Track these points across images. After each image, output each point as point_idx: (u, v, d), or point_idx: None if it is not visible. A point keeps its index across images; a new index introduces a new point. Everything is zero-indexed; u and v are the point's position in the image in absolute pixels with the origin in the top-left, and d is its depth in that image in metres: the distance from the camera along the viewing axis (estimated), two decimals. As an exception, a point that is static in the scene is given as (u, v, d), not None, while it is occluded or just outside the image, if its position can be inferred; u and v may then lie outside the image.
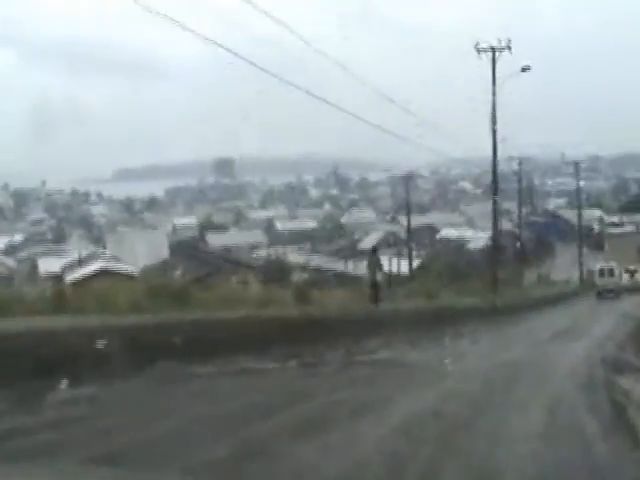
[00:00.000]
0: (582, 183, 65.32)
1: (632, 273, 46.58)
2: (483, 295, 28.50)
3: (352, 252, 59.48)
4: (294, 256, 57.60)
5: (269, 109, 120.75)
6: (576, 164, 64.27)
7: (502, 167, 37.52)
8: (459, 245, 69.23)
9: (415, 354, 13.50)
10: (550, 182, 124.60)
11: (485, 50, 31.43)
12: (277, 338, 12.21)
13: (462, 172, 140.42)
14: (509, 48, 31.23)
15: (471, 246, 65.70)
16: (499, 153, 32.87)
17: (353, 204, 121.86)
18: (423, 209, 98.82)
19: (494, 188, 34.61)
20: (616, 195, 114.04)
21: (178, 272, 41.49)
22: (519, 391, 9.69)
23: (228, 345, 11.28)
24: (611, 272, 43.48)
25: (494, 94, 31.17)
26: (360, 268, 46.76)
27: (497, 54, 31.46)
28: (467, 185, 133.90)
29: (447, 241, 73.50)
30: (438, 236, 78.97)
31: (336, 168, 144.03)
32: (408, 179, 65.26)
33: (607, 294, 40.01)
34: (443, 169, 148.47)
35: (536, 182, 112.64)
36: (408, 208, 51.82)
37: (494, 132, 31.43)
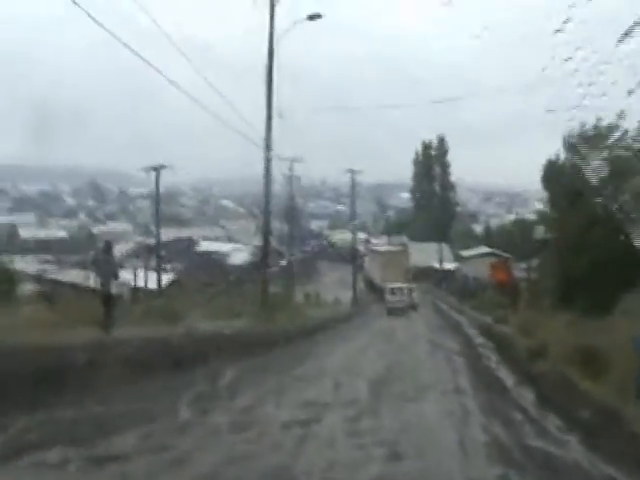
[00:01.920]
0: (345, 207, 67.89)
1: (410, 291, 48.65)
2: (251, 317, 21.43)
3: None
4: (29, 266, 47.59)
5: (33, 114, 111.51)
6: (352, 187, 63.05)
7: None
8: (218, 259, 63.01)
9: (116, 466, 5.55)
10: (312, 204, 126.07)
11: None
12: None
13: (223, 191, 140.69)
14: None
15: (232, 260, 60.71)
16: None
17: (111, 216, 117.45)
18: (184, 223, 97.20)
19: (266, 193, 27.92)
20: (376, 220, 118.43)
21: None
22: None
23: None
24: (400, 291, 47.10)
25: (271, 54, 24.64)
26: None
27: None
28: (229, 203, 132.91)
29: (206, 255, 66.61)
30: (197, 249, 72.18)
31: (94, 179, 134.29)
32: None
33: (397, 312, 43.01)
34: (204, 185, 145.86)
35: (299, 203, 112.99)
36: (157, 213, 45.91)
37: (269, 107, 24.82)
